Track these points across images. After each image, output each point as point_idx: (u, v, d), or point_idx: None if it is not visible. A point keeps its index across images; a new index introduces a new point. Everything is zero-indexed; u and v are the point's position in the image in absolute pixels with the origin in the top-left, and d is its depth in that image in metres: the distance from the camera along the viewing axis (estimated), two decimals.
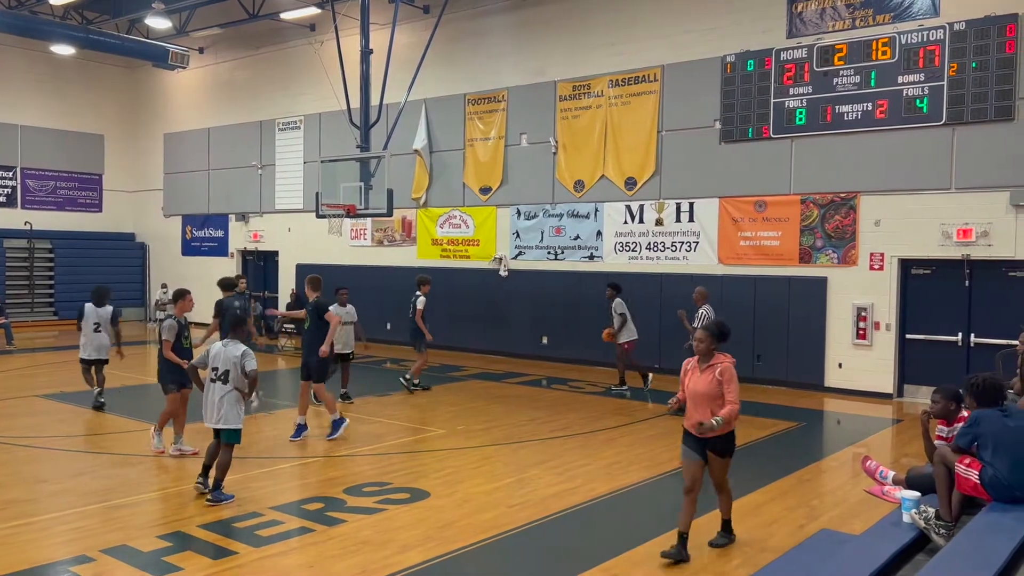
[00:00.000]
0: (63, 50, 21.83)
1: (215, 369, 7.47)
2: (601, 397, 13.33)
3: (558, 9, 17.06)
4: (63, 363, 16.63)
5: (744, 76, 14.64)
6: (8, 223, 23.83)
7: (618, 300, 13.60)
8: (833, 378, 13.98)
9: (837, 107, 13.71)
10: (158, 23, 20.51)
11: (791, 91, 14.15)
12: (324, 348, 10.13)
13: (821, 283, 14.04)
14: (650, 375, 13.85)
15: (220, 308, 12.42)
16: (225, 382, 7.41)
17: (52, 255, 24.54)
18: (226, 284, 13.00)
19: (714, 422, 5.92)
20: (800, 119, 14.08)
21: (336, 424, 10.14)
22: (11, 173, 24.19)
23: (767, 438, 10.55)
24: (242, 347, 7.51)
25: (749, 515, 7.27)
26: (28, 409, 11.80)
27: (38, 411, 11.69)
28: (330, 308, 11.08)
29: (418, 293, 13.44)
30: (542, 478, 8.36)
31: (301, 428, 10.10)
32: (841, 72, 13.66)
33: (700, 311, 12.15)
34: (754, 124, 14.56)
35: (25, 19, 20.23)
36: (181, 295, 9.46)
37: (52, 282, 24.55)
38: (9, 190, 24.17)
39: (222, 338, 7.73)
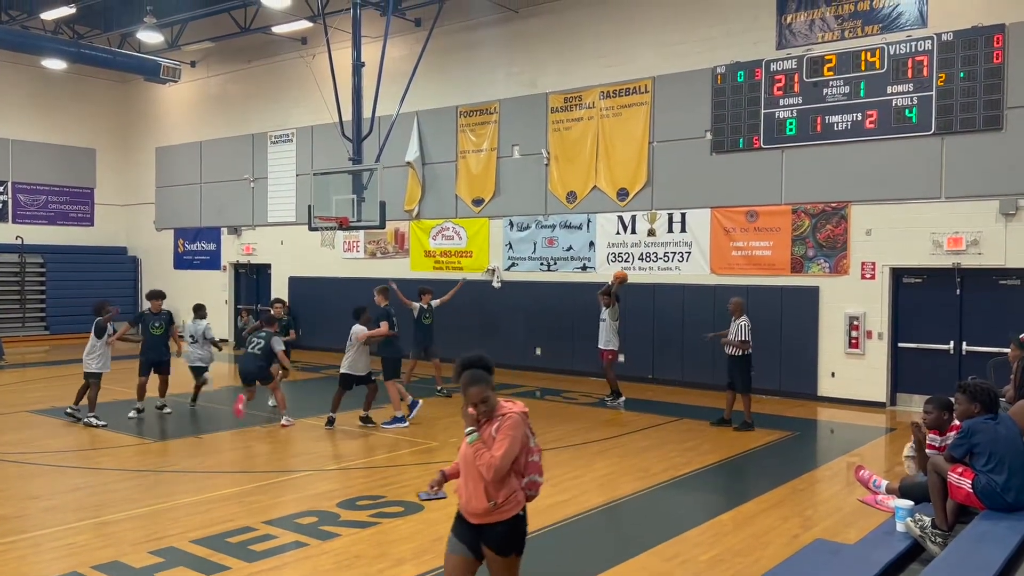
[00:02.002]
0: (54, 64, 21.81)
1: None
2: (594, 408, 13.32)
3: (549, 21, 17.14)
4: (54, 378, 16.54)
5: (734, 87, 14.73)
6: None
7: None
8: (826, 387, 14.01)
9: (827, 117, 13.80)
10: (150, 37, 20.52)
11: (781, 102, 14.24)
12: (365, 336, 11.49)
13: (813, 292, 14.09)
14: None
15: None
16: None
17: (43, 270, 24.42)
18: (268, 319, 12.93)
19: (489, 505, 4.33)
20: (790, 130, 14.16)
21: (397, 419, 11.48)
22: (2, 187, 24.10)
23: (760, 448, 10.55)
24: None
25: (743, 526, 7.27)
26: (19, 424, 11.72)
27: (29, 426, 11.62)
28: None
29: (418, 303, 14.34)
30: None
31: (407, 412, 11.69)
32: (831, 83, 13.76)
33: (738, 322, 11.59)
34: (745, 135, 14.64)
35: (16, 34, 20.22)
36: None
37: (43, 297, 24.43)
38: (0, 205, 24.08)
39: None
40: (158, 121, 25.72)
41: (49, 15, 19.92)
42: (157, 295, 12.91)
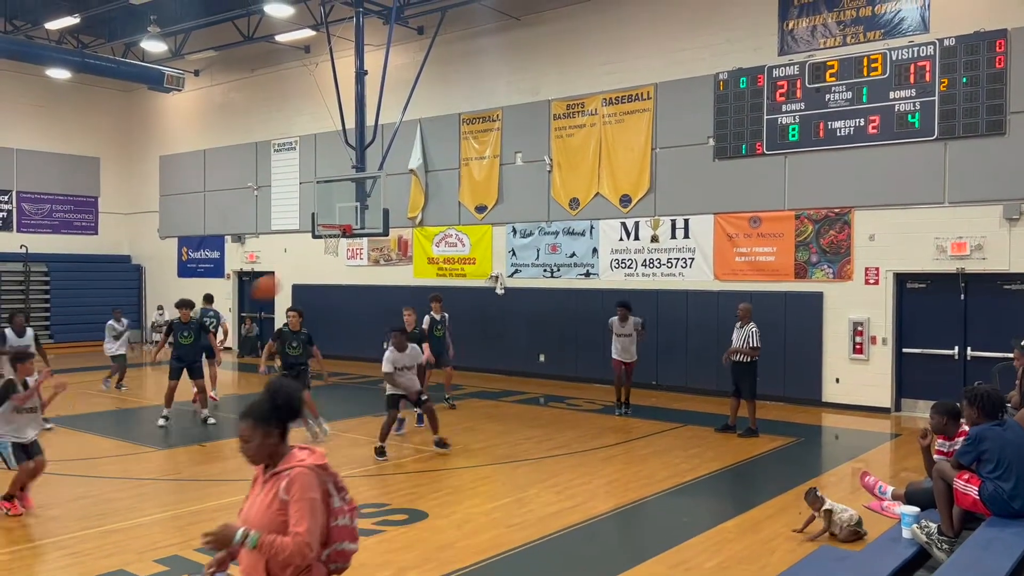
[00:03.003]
0: (59, 74, 21.90)
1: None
2: (599, 415, 13.30)
3: (551, 29, 17.19)
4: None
5: (737, 93, 14.74)
6: (3, 247, 23.81)
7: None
8: (830, 393, 13.97)
9: (829, 123, 13.80)
10: (153, 46, 20.61)
11: (784, 108, 14.25)
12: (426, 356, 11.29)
13: (817, 298, 14.07)
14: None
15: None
16: None
17: (48, 278, 24.49)
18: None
19: None
20: (793, 135, 14.17)
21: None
22: (7, 196, 24.20)
23: (765, 454, 10.53)
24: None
25: (748, 532, 7.24)
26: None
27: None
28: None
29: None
30: (541, 497, 8.33)
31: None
32: (833, 88, 13.77)
33: (747, 328, 11.50)
34: (747, 141, 14.65)
35: (21, 43, 20.31)
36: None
37: (48, 305, 24.48)
38: (4, 213, 24.17)
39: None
40: (162, 130, 25.81)
41: (53, 25, 20.02)
42: (184, 304, 12.85)
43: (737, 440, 11.26)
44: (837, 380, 13.91)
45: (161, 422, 12.11)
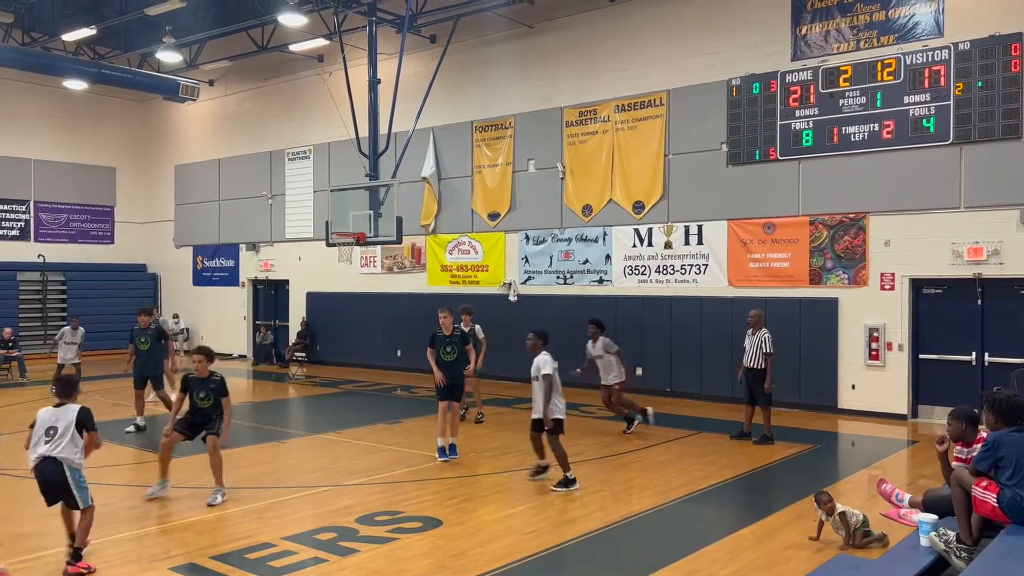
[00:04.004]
0: (76, 85, 22.13)
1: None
2: (612, 422, 13.25)
3: (564, 36, 17.22)
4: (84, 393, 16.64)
5: (750, 99, 14.71)
6: (21, 256, 24.05)
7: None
8: (846, 399, 13.88)
9: (844, 128, 13.74)
10: (169, 57, 20.80)
11: (797, 113, 14.20)
12: (469, 370, 10.82)
13: (832, 304, 13.99)
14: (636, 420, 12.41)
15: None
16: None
17: (65, 287, 24.72)
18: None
19: None
20: (807, 141, 14.11)
21: (454, 447, 10.57)
22: (24, 207, 24.45)
23: (781, 461, 10.46)
24: None
25: (765, 540, 7.19)
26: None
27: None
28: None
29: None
30: (555, 505, 8.30)
31: (444, 450, 10.40)
32: (847, 93, 13.71)
33: (759, 335, 11.40)
34: (761, 146, 14.61)
35: (38, 55, 20.54)
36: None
37: (65, 314, 24.66)
38: (23, 223, 24.42)
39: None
40: (177, 139, 26.02)
41: (70, 36, 20.24)
42: (143, 311, 13.04)
43: (752, 447, 11.20)
44: (853, 386, 13.81)
45: (130, 428, 12.42)
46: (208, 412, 8.78)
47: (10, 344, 19.45)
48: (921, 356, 13.44)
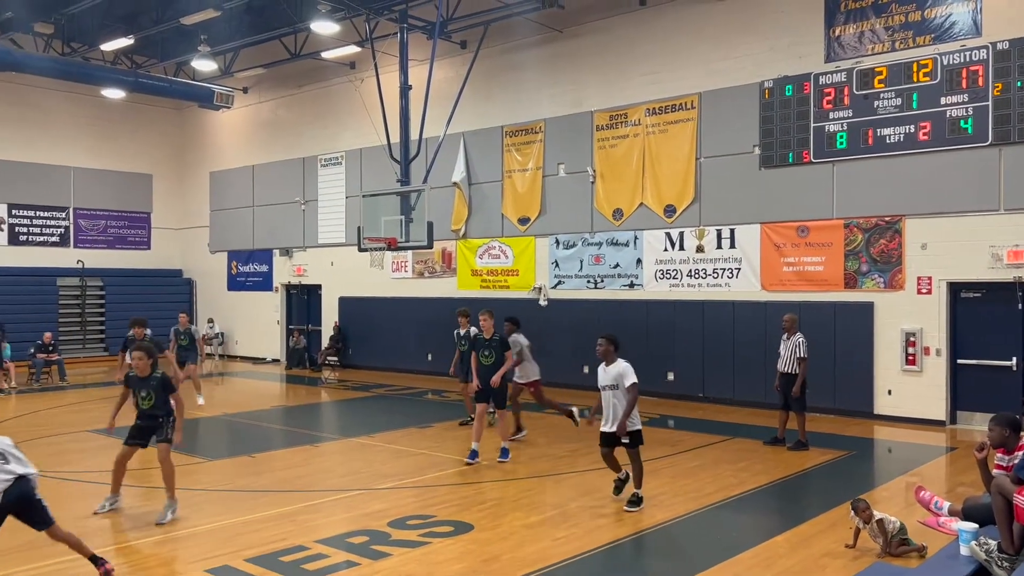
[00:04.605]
0: (113, 94, 22.55)
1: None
2: (644, 427, 13.15)
3: (593, 41, 17.20)
4: (113, 399, 16.92)
5: (783, 101, 14.57)
6: (61, 262, 24.55)
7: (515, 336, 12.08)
8: (882, 405, 13.67)
9: (879, 130, 13.56)
10: (204, 65, 21.12)
11: (831, 115, 14.04)
12: (496, 379, 10.45)
13: (867, 308, 13.80)
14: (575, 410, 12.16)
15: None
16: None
17: (103, 292, 25.18)
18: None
19: None
20: (841, 143, 13.95)
21: (506, 451, 10.60)
22: (64, 213, 24.96)
23: (816, 467, 10.33)
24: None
25: (800, 547, 7.10)
26: (78, 445, 12.03)
27: (88, 446, 11.92)
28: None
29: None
30: (586, 511, 8.27)
31: (475, 453, 10.43)
32: (882, 95, 13.53)
33: (794, 340, 11.29)
34: (794, 149, 14.46)
35: (78, 65, 20.98)
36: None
37: (103, 319, 25.15)
38: (63, 230, 24.93)
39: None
40: (212, 146, 26.41)
41: (109, 46, 20.64)
42: (137, 323, 13.02)
43: (786, 453, 11.07)
44: (889, 392, 13.60)
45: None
46: (152, 413, 8.24)
47: (50, 348, 19.84)
48: (959, 361, 13.19)
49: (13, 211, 23.90)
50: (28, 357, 19.34)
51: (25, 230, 24.17)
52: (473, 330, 13.07)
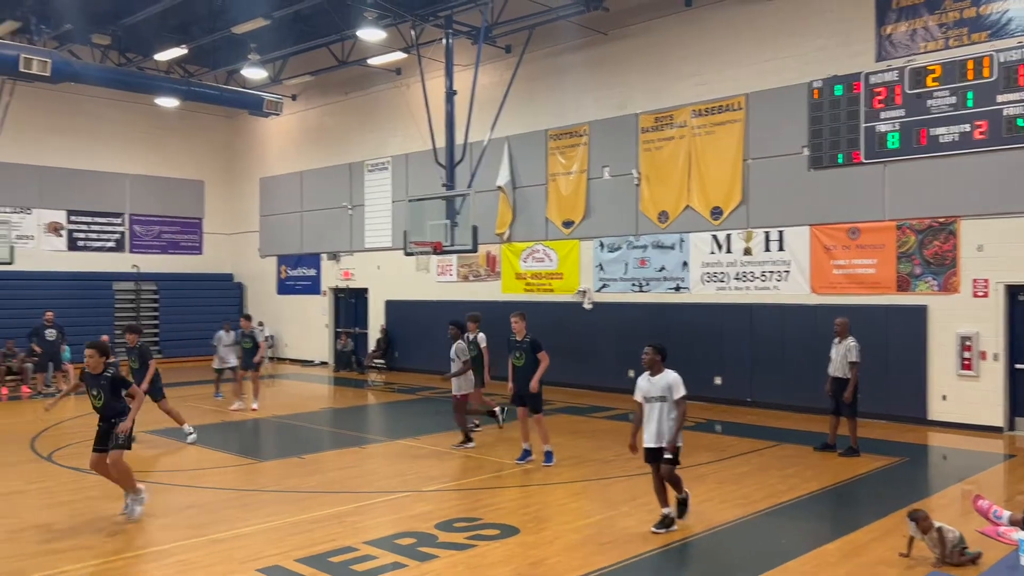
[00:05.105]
0: (167, 103, 23.11)
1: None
2: (691, 432, 13.06)
3: (639, 43, 17.12)
4: (168, 399, 17.33)
5: (832, 101, 14.34)
6: (117, 266, 25.23)
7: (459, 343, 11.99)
8: (937, 411, 13.35)
9: (932, 129, 13.27)
10: (254, 73, 21.53)
11: (882, 115, 13.78)
12: (534, 384, 10.34)
13: (920, 312, 13.49)
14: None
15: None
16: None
17: (157, 296, 25.81)
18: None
19: None
20: (893, 143, 13.67)
21: (525, 452, 10.60)
22: (120, 219, 25.65)
23: (868, 474, 10.13)
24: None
25: (851, 555, 6.98)
26: (136, 445, 12.28)
27: (143, 447, 12.21)
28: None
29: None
30: (633, 515, 8.23)
31: (527, 452, 10.60)
32: (935, 94, 13.24)
33: (845, 344, 11.12)
34: (844, 150, 14.22)
35: (134, 75, 21.56)
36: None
37: (157, 322, 25.78)
38: (119, 235, 25.61)
39: None
40: (261, 153, 26.91)
41: (162, 56, 21.16)
42: (130, 329, 13.03)
43: (837, 459, 10.88)
44: (944, 397, 13.28)
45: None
46: (105, 414, 8.21)
47: None
48: (1017, 366, 12.82)
49: (72, 217, 24.63)
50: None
51: (83, 236, 24.88)
52: (481, 336, 13.18)
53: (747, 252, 15.55)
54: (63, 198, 24.36)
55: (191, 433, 12.34)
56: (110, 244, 25.42)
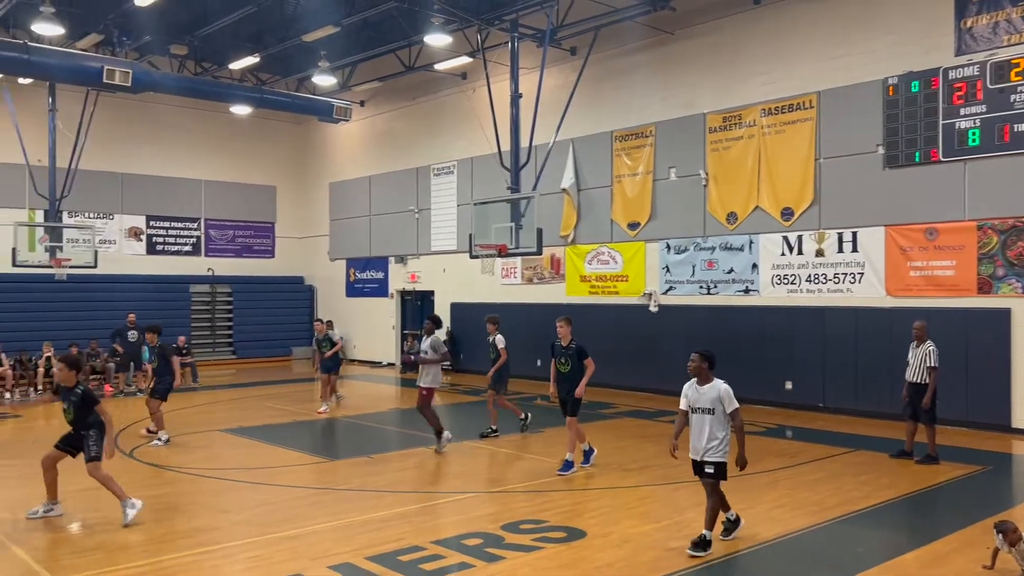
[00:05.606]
0: (240, 110, 23.77)
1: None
2: (762, 437, 12.82)
3: (706, 42, 16.90)
4: (242, 399, 17.86)
5: (908, 98, 13.91)
6: (193, 270, 26.07)
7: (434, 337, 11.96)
8: (1020, 418, 12.80)
9: (1016, 126, 12.74)
10: (324, 80, 21.98)
11: (962, 111, 13.29)
12: (580, 390, 10.23)
13: (1004, 315, 12.96)
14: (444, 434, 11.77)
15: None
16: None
17: (231, 298, 26.58)
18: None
19: None
20: (973, 140, 13.18)
21: (586, 454, 10.44)
22: (196, 224, 26.49)
23: (947, 483, 9.77)
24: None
25: (931, 566, 6.75)
26: (210, 443, 12.72)
27: (219, 445, 12.59)
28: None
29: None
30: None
31: (589, 452, 10.54)
32: (1019, 88, 12.71)
33: (924, 348, 10.77)
34: (921, 148, 13.77)
35: (209, 84, 22.25)
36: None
37: (231, 323, 26.54)
38: (195, 239, 26.46)
39: None
40: (331, 158, 27.46)
41: (236, 65, 21.78)
42: (150, 329, 13.52)
43: (915, 467, 10.53)
44: None
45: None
46: (75, 428, 8.23)
47: (184, 351, 21.06)
48: None
49: (151, 222, 25.54)
50: None
51: (161, 240, 25.78)
52: (499, 338, 13.18)
53: (819, 253, 15.18)
54: (143, 204, 25.30)
55: (162, 440, 12.30)
56: (187, 248, 26.27)
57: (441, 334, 12.91)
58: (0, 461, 11.28)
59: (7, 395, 18.37)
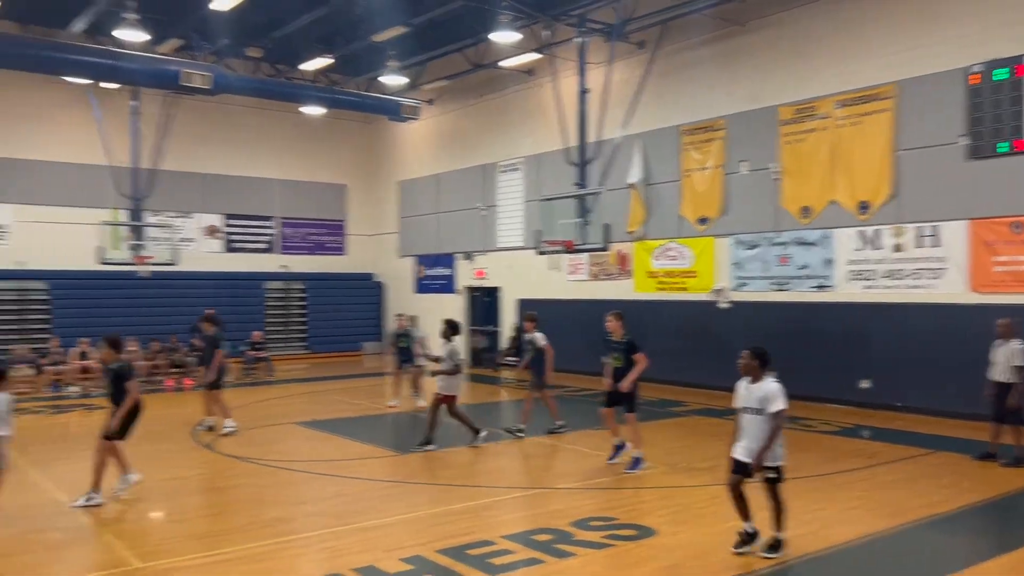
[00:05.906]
0: (312, 110, 24.30)
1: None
2: (834, 436, 12.52)
3: (776, 33, 16.54)
4: (315, 393, 18.28)
5: (993, 86, 13.36)
6: (268, 267, 26.79)
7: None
8: None
9: None
10: (393, 80, 22.30)
11: None
12: (625, 384, 10.18)
13: None
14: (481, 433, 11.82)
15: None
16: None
17: (304, 295, 27.24)
18: None
19: None
20: None
21: (637, 460, 10.18)
22: (271, 222, 27.20)
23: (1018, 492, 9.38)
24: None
25: (1016, 573, 6.50)
26: (286, 435, 13.07)
27: (295, 437, 12.92)
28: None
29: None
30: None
31: (619, 447, 10.49)
32: None
33: (1010, 346, 10.39)
34: (1007, 138, 13.22)
35: (283, 85, 22.83)
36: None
37: (305, 319, 27.20)
38: (269, 238, 27.17)
39: None
40: (400, 157, 27.85)
41: (308, 66, 22.27)
42: (206, 319, 13.65)
43: (999, 470, 10.13)
44: None
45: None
46: (113, 401, 8.71)
47: (259, 346, 21.67)
48: None
49: (228, 221, 26.33)
50: (240, 354, 21.20)
51: (238, 238, 26.55)
52: (539, 335, 13.04)
53: (898, 248, 14.72)
54: (220, 203, 26.11)
55: (231, 428, 12.67)
56: (262, 246, 26.99)
57: (459, 340, 12.78)
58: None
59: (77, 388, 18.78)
